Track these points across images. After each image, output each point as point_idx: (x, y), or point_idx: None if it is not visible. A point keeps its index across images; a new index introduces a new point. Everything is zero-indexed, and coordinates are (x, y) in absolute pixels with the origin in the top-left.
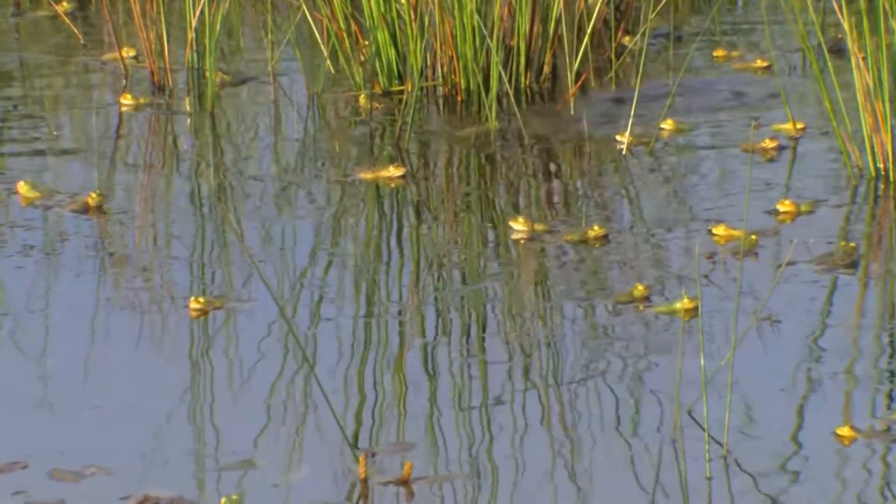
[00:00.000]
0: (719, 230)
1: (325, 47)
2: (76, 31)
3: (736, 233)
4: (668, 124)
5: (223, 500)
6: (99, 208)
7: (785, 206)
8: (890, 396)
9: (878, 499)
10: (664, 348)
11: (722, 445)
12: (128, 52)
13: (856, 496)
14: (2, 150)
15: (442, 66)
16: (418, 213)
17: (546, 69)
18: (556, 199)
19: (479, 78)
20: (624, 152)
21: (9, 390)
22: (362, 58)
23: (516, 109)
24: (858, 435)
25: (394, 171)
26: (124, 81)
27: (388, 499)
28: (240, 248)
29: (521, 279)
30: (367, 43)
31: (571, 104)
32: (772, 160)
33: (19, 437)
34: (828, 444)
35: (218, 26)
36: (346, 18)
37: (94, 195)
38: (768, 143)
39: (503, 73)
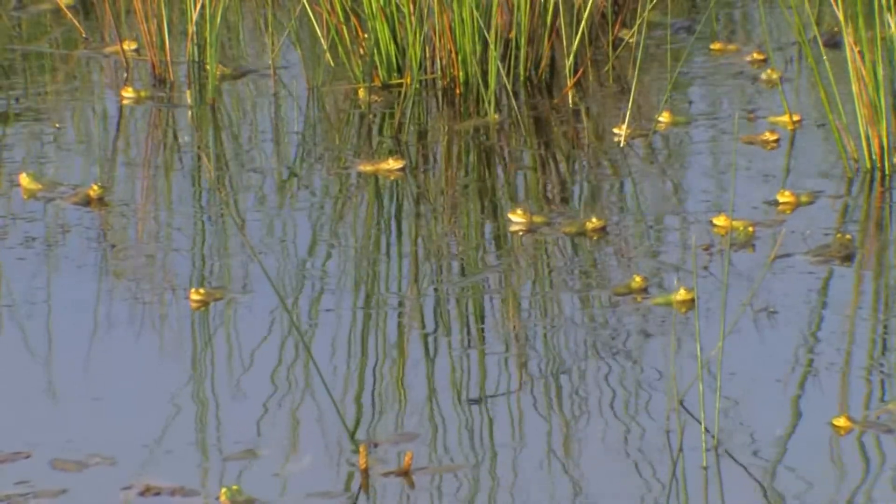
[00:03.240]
0: (719, 220)
1: (325, 40)
2: (78, 24)
3: (735, 223)
4: (665, 117)
5: (223, 490)
6: (100, 200)
7: (785, 197)
8: (885, 387)
9: (873, 489)
10: (661, 339)
11: (715, 436)
12: (129, 46)
13: (851, 486)
14: (4, 142)
15: (441, 59)
16: (417, 206)
17: (544, 62)
18: (554, 191)
19: (478, 71)
20: (622, 144)
21: (11, 381)
22: (362, 51)
23: (514, 102)
24: (854, 425)
25: (393, 164)
26: (125, 74)
27: (388, 489)
28: (240, 239)
29: (519, 271)
30: (366, 36)
31: (569, 97)
32: (770, 152)
33: (22, 427)
34: (824, 435)
35: (218, 19)
36: (345, 11)
37: (95, 187)
38: (768, 136)
39: (501, 66)
